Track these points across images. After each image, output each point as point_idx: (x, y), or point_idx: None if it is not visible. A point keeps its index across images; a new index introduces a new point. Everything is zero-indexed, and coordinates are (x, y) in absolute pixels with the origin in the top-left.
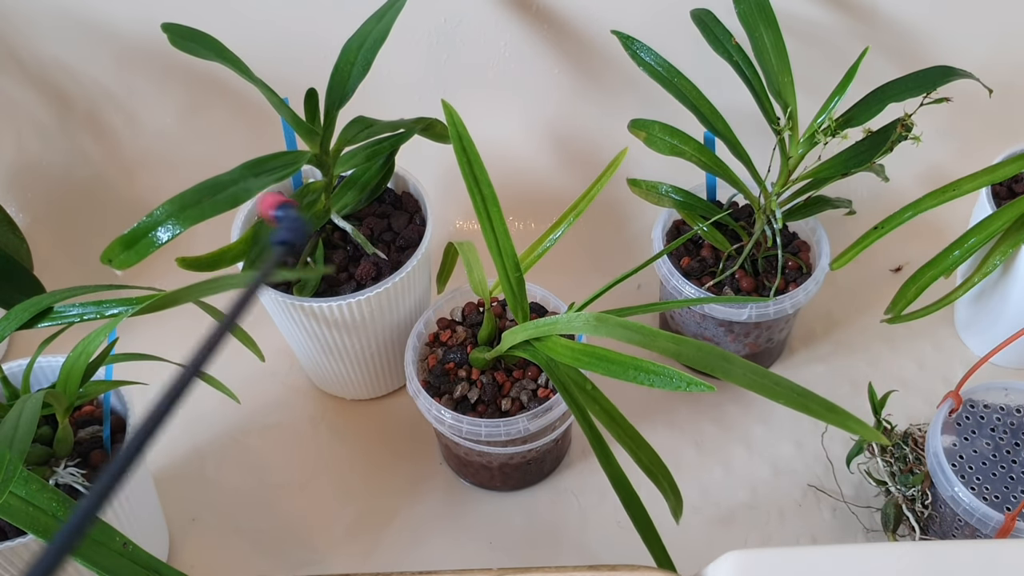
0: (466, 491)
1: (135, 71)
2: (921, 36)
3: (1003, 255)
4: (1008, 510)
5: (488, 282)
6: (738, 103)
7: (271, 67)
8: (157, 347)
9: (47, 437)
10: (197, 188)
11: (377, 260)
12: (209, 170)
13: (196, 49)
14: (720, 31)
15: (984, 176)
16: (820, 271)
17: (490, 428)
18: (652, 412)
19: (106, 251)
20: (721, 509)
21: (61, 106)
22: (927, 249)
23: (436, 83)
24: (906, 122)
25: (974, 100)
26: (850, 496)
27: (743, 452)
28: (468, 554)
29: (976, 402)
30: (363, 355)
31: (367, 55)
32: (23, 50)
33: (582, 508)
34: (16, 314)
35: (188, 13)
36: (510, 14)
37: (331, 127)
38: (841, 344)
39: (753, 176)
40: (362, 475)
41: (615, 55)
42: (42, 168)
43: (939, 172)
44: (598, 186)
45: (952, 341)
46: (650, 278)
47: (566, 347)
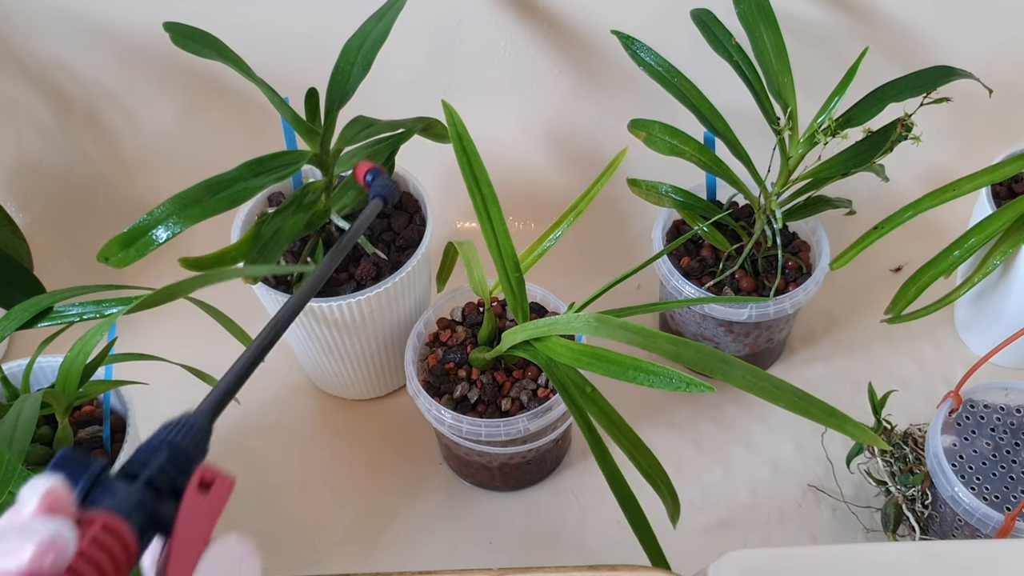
0: (466, 491)
1: (135, 71)
2: (921, 36)
3: (1003, 255)
4: (1008, 510)
5: (488, 282)
6: (738, 103)
7: (271, 67)
8: (156, 347)
9: (47, 437)
10: (197, 187)
11: (377, 260)
12: (209, 170)
13: (197, 48)
14: (720, 31)
15: (984, 176)
16: (820, 271)
17: (490, 428)
18: (652, 412)
19: (103, 249)
20: (721, 509)
21: (61, 106)
22: (927, 249)
23: (436, 83)
24: (906, 122)
25: (974, 100)
26: (850, 496)
27: (743, 452)
28: (468, 554)
29: (976, 402)
30: (363, 355)
31: (367, 55)
32: (23, 50)
33: (582, 508)
34: (16, 314)
35: (188, 13)
36: (510, 14)
37: (331, 127)
38: (841, 344)
39: (753, 176)
40: (362, 475)
41: (615, 55)
42: (42, 168)
43: (939, 172)
44: (598, 186)
45: (952, 341)
46: (650, 278)
47: (566, 347)
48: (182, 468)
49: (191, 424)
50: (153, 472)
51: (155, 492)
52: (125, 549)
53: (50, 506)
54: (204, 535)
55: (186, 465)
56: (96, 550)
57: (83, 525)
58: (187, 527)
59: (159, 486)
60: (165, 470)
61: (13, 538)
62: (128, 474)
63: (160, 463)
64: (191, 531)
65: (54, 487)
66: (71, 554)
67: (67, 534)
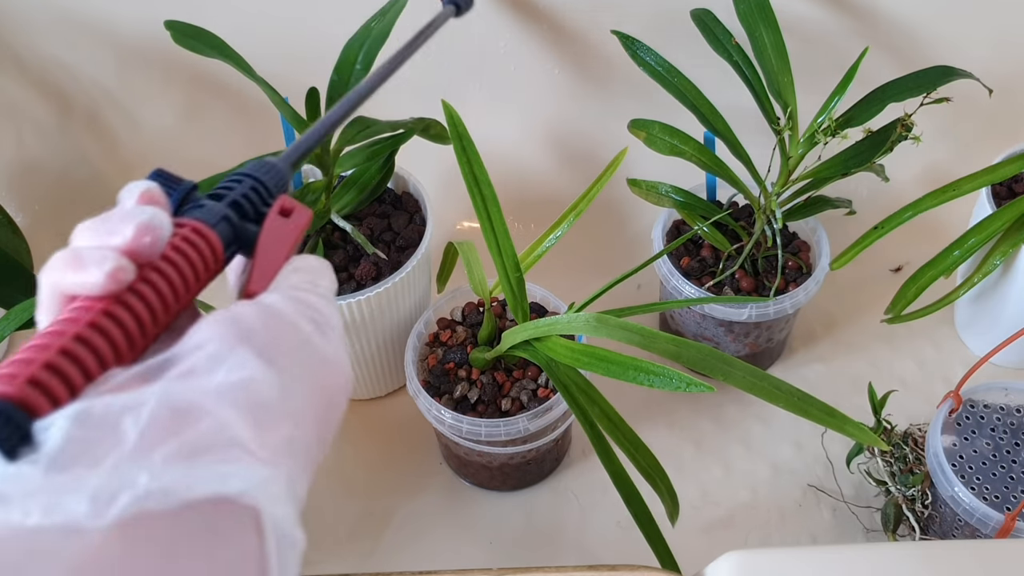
0: (466, 491)
1: (135, 71)
2: (921, 36)
3: (1003, 255)
4: (1008, 510)
5: (488, 282)
6: (738, 103)
7: (272, 66)
8: None
9: None
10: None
11: (377, 260)
12: (209, 170)
13: (198, 47)
14: (720, 31)
15: (984, 176)
16: (820, 271)
17: (490, 428)
18: (652, 412)
19: None
20: (721, 509)
21: (61, 106)
22: (927, 249)
23: (436, 83)
24: (906, 122)
25: (974, 100)
26: (850, 496)
27: (743, 452)
28: (468, 554)
29: (976, 402)
30: (363, 355)
31: (368, 54)
32: (23, 50)
33: (582, 508)
34: (16, 314)
35: (189, 12)
36: (510, 14)
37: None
38: (841, 344)
39: (753, 176)
40: (362, 475)
41: (615, 55)
42: (42, 168)
43: (939, 172)
44: (598, 186)
45: (952, 341)
46: (650, 278)
47: (566, 347)
48: (264, 197)
49: (272, 164)
50: (241, 193)
51: (241, 213)
52: (212, 252)
53: (149, 199)
54: (285, 253)
55: (267, 195)
56: (188, 246)
57: (176, 228)
58: (270, 244)
59: (244, 208)
60: (249, 195)
61: (116, 221)
62: (217, 196)
63: (247, 187)
64: (272, 250)
65: (152, 186)
66: (167, 239)
67: (165, 220)
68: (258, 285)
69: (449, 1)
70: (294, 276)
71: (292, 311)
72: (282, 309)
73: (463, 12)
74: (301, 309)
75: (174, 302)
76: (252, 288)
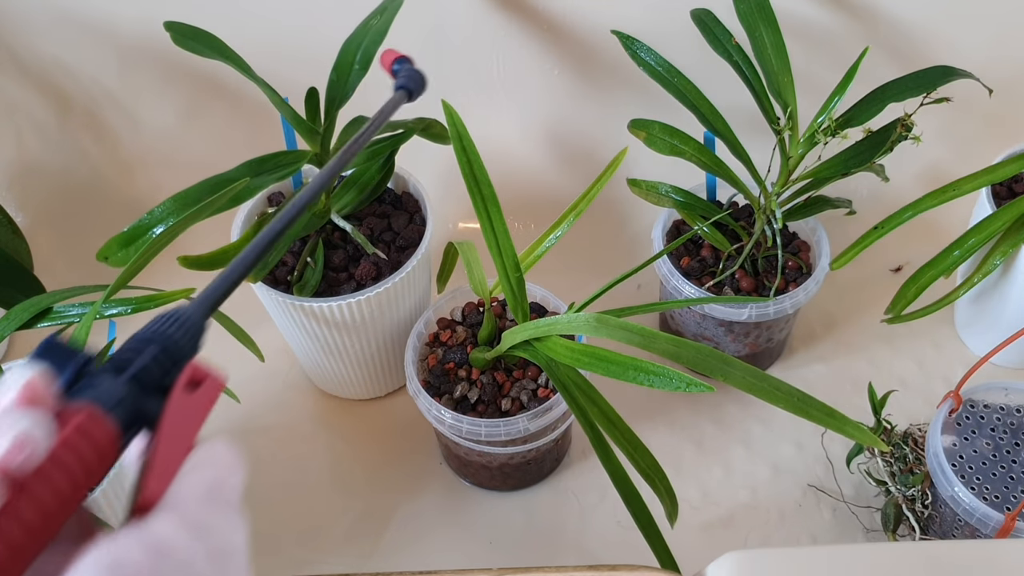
0: (466, 491)
1: (135, 71)
2: (921, 36)
3: (1003, 255)
4: (1008, 510)
5: (488, 282)
6: (738, 103)
7: (272, 66)
8: None
9: None
10: (197, 187)
11: (377, 260)
12: (209, 170)
13: (198, 48)
14: (720, 31)
15: (984, 176)
16: (820, 271)
17: (490, 428)
18: (652, 412)
19: (103, 248)
20: (721, 509)
21: (61, 106)
22: (927, 249)
23: (436, 83)
24: (906, 122)
25: (974, 100)
26: (850, 496)
27: (743, 452)
28: (468, 554)
29: (976, 402)
30: (363, 355)
31: (367, 53)
32: (23, 50)
33: (582, 508)
34: (16, 314)
35: (188, 13)
36: (509, 14)
37: (331, 126)
38: (841, 344)
39: (753, 176)
40: (362, 475)
41: (615, 55)
42: (42, 168)
43: (939, 172)
44: (598, 186)
45: (952, 341)
46: (650, 278)
47: (566, 347)
48: (172, 363)
49: (185, 317)
50: (141, 366)
51: (142, 387)
52: (105, 444)
53: (30, 398)
54: (190, 436)
55: (177, 360)
56: (73, 445)
57: (63, 417)
58: (172, 426)
59: (146, 381)
60: (154, 364)
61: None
62: (116, 367)
63: (149, 357)
64: (177, 431)
65: (35, 377)
66: (44, 452)
67: (41, 432)
68: (157, 487)
69: (400, 86)
70: (197, 480)
71: (186, 546)
72: (175, 545)
73: (415, 96)
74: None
75: (59, 511)
76: (148, 491)
